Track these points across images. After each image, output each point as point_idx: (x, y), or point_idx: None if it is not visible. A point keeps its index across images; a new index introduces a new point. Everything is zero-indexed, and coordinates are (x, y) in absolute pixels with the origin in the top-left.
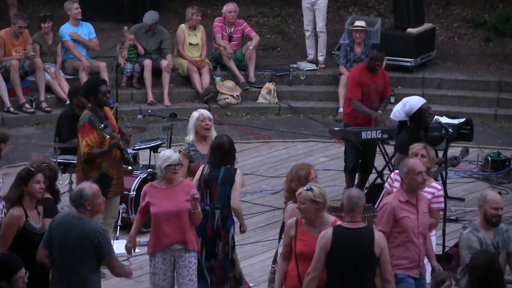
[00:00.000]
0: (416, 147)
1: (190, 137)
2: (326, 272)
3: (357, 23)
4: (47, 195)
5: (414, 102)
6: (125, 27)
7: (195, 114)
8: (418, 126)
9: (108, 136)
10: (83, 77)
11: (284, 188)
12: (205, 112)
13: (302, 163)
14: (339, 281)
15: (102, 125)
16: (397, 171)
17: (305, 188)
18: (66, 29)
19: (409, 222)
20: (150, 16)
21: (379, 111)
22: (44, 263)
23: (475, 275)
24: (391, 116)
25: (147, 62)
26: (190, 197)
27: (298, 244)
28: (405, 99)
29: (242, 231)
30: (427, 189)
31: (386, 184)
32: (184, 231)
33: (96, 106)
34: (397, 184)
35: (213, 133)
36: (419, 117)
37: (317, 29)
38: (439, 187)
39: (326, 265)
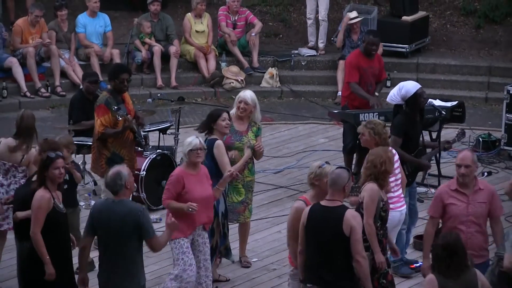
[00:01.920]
0: (359, 127)
1: (233, 111)
2: None
3: (351, 14)
4: None
5: (409, 87)
6: (136, 19)
7: (241, 94)
8: (413, 109)
9: (120, 118)
10: (95, 62)
11: (365, 172)
12: (249, 95)
13: (380, 148)
14: (313, 257)
15: (115, 107)
16: None
17: (322, 166)
18: (82, 20)
19: (455, 209)
20: None
21: (375, 93)
22: (86, 249)
23: (433, 252)
24: (388, 99)
25: (156, 49)
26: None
27: None
28: (401, 83)
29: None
30: None
31: None
32: (211, 213)
33: (115, 90)
34: None
35: (258, 116)
36: (414, 101)
37: (320, 18)
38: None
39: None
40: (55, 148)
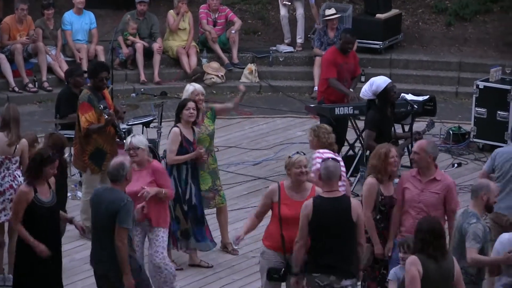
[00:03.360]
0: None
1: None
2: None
3: (329, 11)
4: None
5: (380, 82)
6: (129, 16)
7: (190, 88)
8: (383, 103)
9: (107, 116)
10: (83, 62)
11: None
12: (199, 87)
13: (383, 144)
14: (322, 247)
15: (101, 106)
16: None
17: (292, 156)
18: (68, 17)
19: (408, 193)
20: None
21: (350, 89)
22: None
23: (419, 238)
24: (361, 95)
25: (139, 46)
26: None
27: (283, 208)
28: (372, 79)
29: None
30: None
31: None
32: (148, 210)
33: (94, 87)
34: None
35: (204, 105)
36: (384, 96)
37: (297, 15)
38: (320, 155)
39: (309, 233)
40: (60, 145)
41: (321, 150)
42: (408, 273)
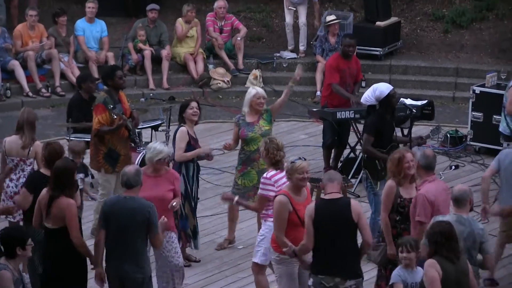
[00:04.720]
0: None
1: (245, 109)
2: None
3: (329, 17)
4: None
5: (383, 88)
6: (140, 24)
7: (252, 91)
8: (386, 109)
9: (115, 117)
10: (93, 66)
11: None
12: (261, 91)
13: (401, 149)
14: (325, 248)
15: (111, 106)
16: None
17: (295, 161)
18: (81, 24)
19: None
20: (153, 5)
21: (355, 93)
22: (100, 243)
23: (432, 241)
24: (362, 100)
25: (147, 53)
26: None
27: (301, 213)
28: (375, 85)
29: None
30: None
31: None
32: (164, 215)
33: (112, 89)
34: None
35: (264, 106)
36: (387, 102)
37: (300, 23)
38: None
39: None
40: (55, 156)
41: (269, 176)
42: (427, 275)
